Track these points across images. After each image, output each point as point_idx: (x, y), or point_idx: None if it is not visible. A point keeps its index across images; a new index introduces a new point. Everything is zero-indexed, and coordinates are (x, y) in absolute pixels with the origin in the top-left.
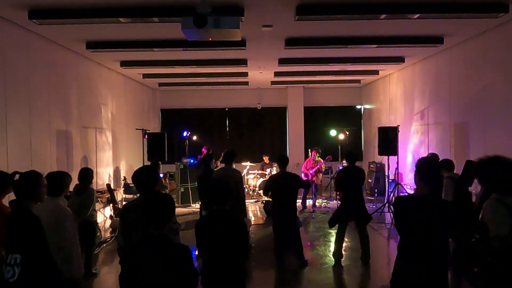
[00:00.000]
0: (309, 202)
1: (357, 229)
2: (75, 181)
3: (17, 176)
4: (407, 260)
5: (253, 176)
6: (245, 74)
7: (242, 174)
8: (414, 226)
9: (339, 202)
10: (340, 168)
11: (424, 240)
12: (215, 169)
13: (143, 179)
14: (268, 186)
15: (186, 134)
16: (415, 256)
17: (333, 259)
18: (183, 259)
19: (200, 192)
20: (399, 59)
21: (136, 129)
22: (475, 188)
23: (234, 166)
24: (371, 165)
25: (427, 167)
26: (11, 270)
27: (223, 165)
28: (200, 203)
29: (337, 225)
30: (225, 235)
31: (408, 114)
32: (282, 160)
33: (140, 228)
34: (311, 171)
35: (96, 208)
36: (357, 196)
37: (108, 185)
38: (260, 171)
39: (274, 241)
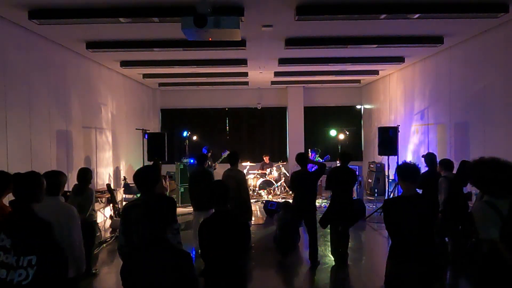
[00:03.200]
0: None
1: (340, 228)
2: (74, 181)
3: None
4: (401, 261)
5: (253, 176)
6: (245, 74)
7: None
8: (405, 225)
9: None
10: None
11: (416, 239)
12: (213, 170)
13: (145, 178)
14: (294, 183)
15: (186, 134)
16: (408, 256)
17: (333, 259)
18: (182, 266)
19: (192, 192)
20: (399, 59)
21: (136, 129)
22: (475, 188)
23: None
24: (371, 165)
25: (404, 167)
26: (23, 272)
27: (223, 166)
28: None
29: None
30: (227, 236)
31: (408, 114)
32: (301, 158)
33: (141, 228)
34: None
35: (96, 208)
36: (346, 196)
37: (108, 185)
38: (260, 171)
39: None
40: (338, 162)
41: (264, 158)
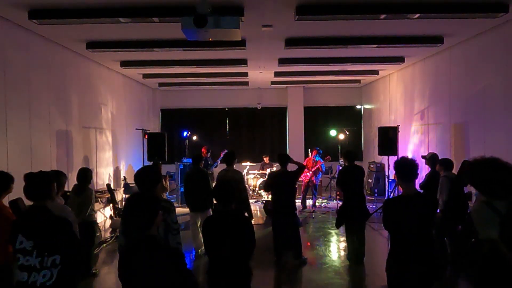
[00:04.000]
0: (309, 202)
1: (355, 227)
2: (74, 181)
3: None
4: (401, 260)
5: (253, 176)
6: (245, 74)
7: (242, 174)
8: (405, 225)
9: (339, 202)
10: (340, 168)
11: (416, 238)
12: (213, 169)
13: (146, 179)
14: (269, 184)
15: (186, 134)
16: (408, 256)
17: (347, 259)
18: (172, 263)
19: (187, 193)
20: (399, 59)
21: (136, 129)
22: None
23: (234, 166)
24: (371, 165)
25: (402, 166)
26: (48, 273)
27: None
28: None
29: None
30: (231, 235)
31: (408, 114)
32: (281, 158)
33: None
34: (310, 172)
35: (96, 208)
36: (358, 194)
37: (108, 185)
38: (260, 171)
39: (273, 240)
40: (341, 161)
41: (264, 159)
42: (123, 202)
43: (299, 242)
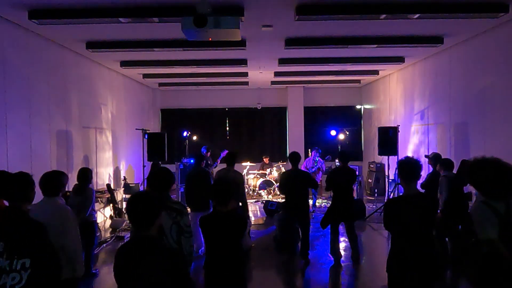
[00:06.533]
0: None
1: (345, 229)
2: (74, 181)
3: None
4: (401, 260)
5: (253, 176)
6: (245, 74)
7: (243, 175)
8: (406, 225)
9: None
10: (332, 167)
11: (417, 238)
12: (213, 169)
13: (161, 180)
14: (283, 183)
15: (186, 134)
16: (408, 256)
17: (333, 259)
18: (171, 264)
19: (189, 193)
20: (399, 59)
21: (136, 129)
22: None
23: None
24: (371, 165)
25: (405, 166)
26: (17, 276)
27: (223, 165)
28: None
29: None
30: (226, 234)
31: (408, 114)
32: (293, 157)
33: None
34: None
35: (96, 208)
36: (347, 196)
37: (108, 185)
38: (260, 171)
39: (279, 238)
40: (337, 161)
41: (264, 159)
42: (123, 202)
43: (308, 242)
